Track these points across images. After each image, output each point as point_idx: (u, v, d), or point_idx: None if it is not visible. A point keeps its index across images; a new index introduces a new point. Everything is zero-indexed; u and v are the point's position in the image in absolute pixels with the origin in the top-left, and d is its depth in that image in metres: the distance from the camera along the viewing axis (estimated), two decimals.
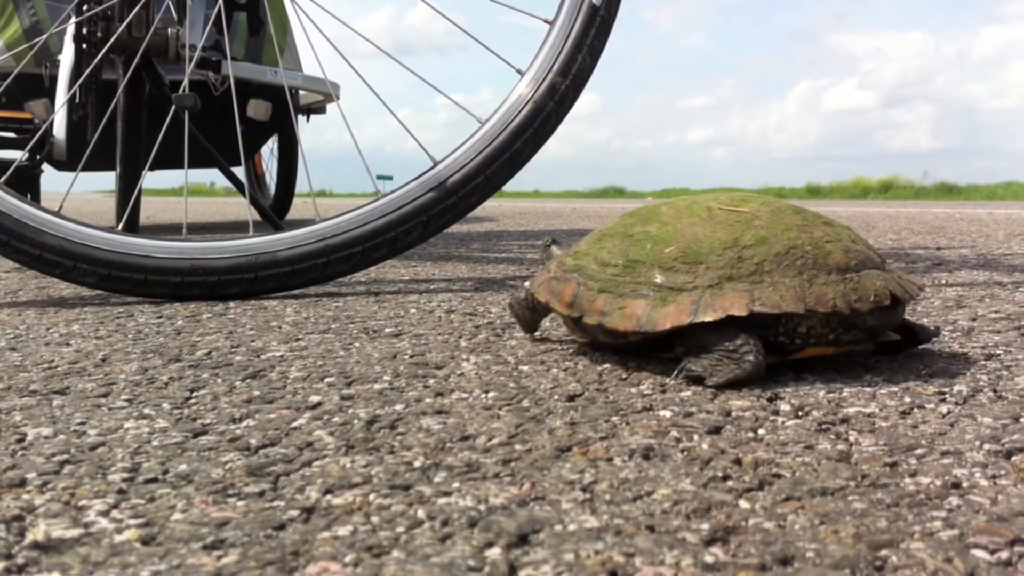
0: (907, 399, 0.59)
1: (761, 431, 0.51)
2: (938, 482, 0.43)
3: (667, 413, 0.55)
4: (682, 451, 0.48)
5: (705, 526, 0.37)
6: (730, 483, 0.43)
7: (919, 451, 0.47)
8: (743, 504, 0.40)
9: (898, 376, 0.65)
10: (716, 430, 0.51)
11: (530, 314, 0.80)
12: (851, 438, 0.50)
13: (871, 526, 0.37)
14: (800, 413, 0.55)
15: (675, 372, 0.64)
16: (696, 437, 0.50)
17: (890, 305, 0.65)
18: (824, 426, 0.52)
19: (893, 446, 0.48)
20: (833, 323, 0.64)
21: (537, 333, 0.83)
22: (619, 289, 0.67)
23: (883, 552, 0.35)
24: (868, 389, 0.61)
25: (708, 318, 0.62)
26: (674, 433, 0.51)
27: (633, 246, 0.69)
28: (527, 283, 0.78)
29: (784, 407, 0.57)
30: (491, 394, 0.61)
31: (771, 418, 0.54)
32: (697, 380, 0.63)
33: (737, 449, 0.48)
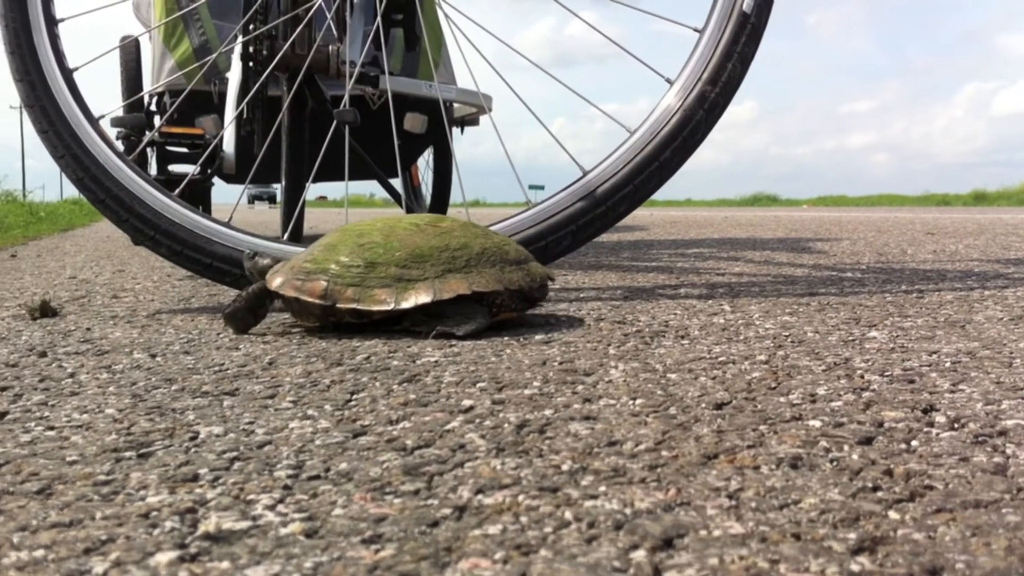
0: None
1: (914, 443, 0.50)
2: None
3: (816, 423, 0.55)
4: (831, 461, 0.47)
5: (852, 536, 0.37)
6: (880, 494, 0.42)
7: None
8: (892, 515, 0.40)
9: None
10: (867, 440, 0.51)
11: (252, 317, 0.97)
12: (1008, 451, 0.48)
13: None
14: (956, 425, 0.54)
15: (431, 334, 0.89)
16: (846, 447, 0.50)
17: (546, 284, 0.99)
18: (980, 438, 0.51)
19: None
20: (516, 296, 0.94)
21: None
22: (366, 282, 0.90)
23: None
24: None
25: (445, 296, 0.89)
26: (823, 443, 0.50)
27: (367, 252, 0.92)
28: (251, 288, 0.97)
29: (939, 419, 0.55)
30: (638, 401, 0.61)
31: (925, 430, 0.53)
32: (447, 335, 0.89)
33: (888, 460, 0.47)
